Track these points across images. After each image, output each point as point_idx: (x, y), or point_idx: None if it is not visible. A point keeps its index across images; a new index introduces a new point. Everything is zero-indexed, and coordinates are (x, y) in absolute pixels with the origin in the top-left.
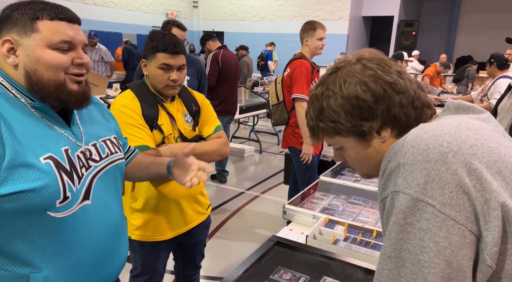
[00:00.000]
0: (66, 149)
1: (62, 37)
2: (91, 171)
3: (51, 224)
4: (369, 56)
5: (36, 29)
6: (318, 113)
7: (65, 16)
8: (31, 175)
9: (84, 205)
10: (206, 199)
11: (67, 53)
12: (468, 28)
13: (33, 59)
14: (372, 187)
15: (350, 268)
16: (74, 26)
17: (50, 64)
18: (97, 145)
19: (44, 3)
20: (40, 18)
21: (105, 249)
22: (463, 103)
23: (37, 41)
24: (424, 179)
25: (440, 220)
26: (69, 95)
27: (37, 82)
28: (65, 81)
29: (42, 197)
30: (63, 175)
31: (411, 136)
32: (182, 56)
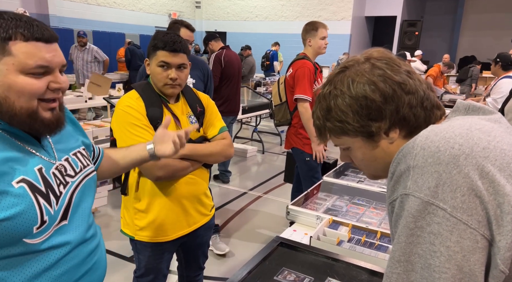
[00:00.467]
0: (40, 168)
1: (38, 62)
2: (69, 187)
3: (27, 250)
4: (378, 56)
5: (9, 52)
6: (325, 112)
7: (42, 35)
8: (5, 202)
9: (61, 226)
10: (210, 200)
11: (43, 77)
12: (471, 28)
13: (4, 85)
14: (375, 187)
15: (355, 269)
16: (51, 47)
17: (23, 92)
18: (69, 160)
19: (17, 19)
20: (13, 39)
21: (84, 264)
22: (473, 103)
23: (9, 66)
24: (435, 182)
25: (451, 224)
26: (41, 124)
27: (8, 110)
28: (38, 109)
29: (19, 224)
30: (39, 198)
31: (421, 138)
32: (182, 55)
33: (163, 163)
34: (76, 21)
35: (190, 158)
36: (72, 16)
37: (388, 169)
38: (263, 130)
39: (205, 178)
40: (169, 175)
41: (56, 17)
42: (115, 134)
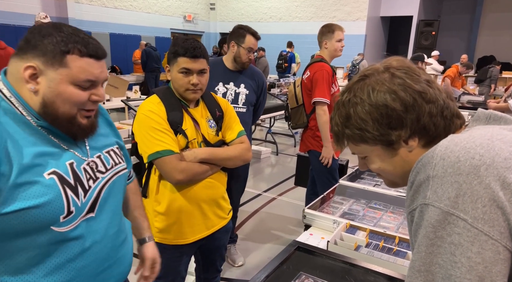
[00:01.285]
0: (71, 162)
1: (88, 77)
2: (99, 182)
3: (54, 238)
4: (397, 65)
5: (65, 64)
6: (344, 119)
7: (95, 53)
8: (35, 192)
9: (88, 218)
10: (227, 203)
11: (87, 90)
12: (490, 28)
13: (54, 92)
14: (393, 191)
15: (373, 275)
16: (100, 63)
17: (69, 100)
18: (101, 157)
19: (75, 35)
20: (71, 53)
21: (108, 258)
22: (494, 113)
23: (63, 76)
24: (455, 193)
25: (472, 235)
26: (78, 129)
27: (51, 112)
28: (76, 115)
29: (46, 212)
30: (67, 190)
31: (441, 148)
32: (202, 60)
33: (183, 167)
34: (94, 24)
35: (209, 162)
36: (90, 19)
37: (406, 177)
38: (277, 131)
39: (223, 181)
40: (189, 179)
41: (75, 20)
42: (137, 138)
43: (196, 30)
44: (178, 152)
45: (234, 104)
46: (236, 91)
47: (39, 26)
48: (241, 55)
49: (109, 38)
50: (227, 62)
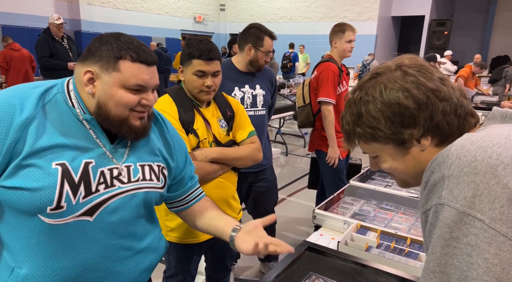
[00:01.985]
0: (89, 162)
1: (138, 81)
2: (112, 190)
3: (40, 227)
4: (410, 63)
5: (118, 68)
6: (355, 118)
7: (146, 59)
8: (34, 175)
9: (82, 220)
10: (237, 203)
11: (138, 94)
12: (505, 27)
13: (107, 94)
14: (404, 192)
15: (384, 276)
16: (150, 69)
17: (120, 103)
18: (130, 168)
19: (129, 43)
20: (123, 58)
21: (98, 269)
22: (510, 111)
23: (115, 80)
24: (471, 192)
25: (489, 236)
26: (129, 130)
27: (104, 114)
28: (128, 117)
29: (36, 198)
30: (65, 184)
31: (457, 147)
32: (216, 62)
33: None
34: (105, 26)
35: (220, 162)
36: (102, 21)
37: (418, 177)
38: (287, 132)
39: (234, 181)
40: (200, 178)
41: (87, 22)
42: None
43: (206, 31)
44: (189, 151)
45: (253, 107)
46: (253, 93)
47: (101, 35)
48: (259, 59)
49: None
50: (238, 64)
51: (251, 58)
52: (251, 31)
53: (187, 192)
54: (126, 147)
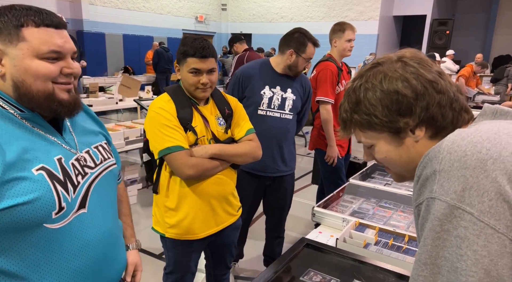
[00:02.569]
0: (59, 158)
1: (51, 47)
2: (88, 178)
3: (47, 236)
4: (410, 55)
5: (23, 38)
6: (354, 105)
7: (52, 22)
8: (24, 188)
9: (80, 214)
10: (237, 200)
11: (56, 62)
12: (507, 26)
13: (21, 69)
14: (403, 191)
15: (382, 272)
16: (62, 33)
17: (38, 74)
18: (90, 152)
19: (26, 9)
20: (25, 25)
21: (104, 255)
22: (501, 107)
23: (24, 51)
24: (461, 186)
25: (478, 228)
26: (59, 105)
27: (25, 93)
28: (54, 90)
29: (38, 209)
30: (56, 185)
31: (448, 142)
32: (211, 60)
33: (193, 162)
34: (107, 25)
35: (219, 158)
36: (104, 21)
37: (412, 170)
38: None
39: (233, 178)
40: (199, 174)
41: (89, 22)
42: (148, 135)
43: (208, 30)
44: (188, 148)
45: (281, 110)
46: (283, 96)
47: None
48: (299, 65)
49: (122, 39)
50: (276, 65)
51: (291, 63)
52: (295, 35)
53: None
54: (72, 135)
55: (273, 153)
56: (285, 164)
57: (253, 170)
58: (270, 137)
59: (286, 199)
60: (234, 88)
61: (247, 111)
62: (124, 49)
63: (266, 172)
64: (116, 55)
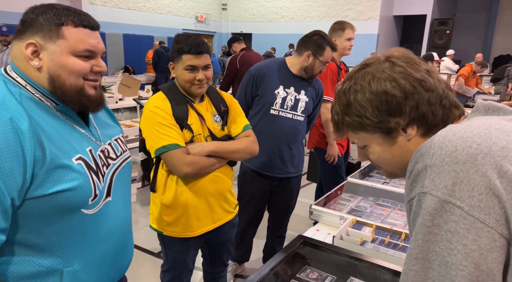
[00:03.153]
0: (90, 149)
1: (86, 46)
2: (111, 168)
3: (82, 221)
4: (398, 55)
5: (62, 36)
6: (344, 107)
7: (88, 23)
8: (67, 176)
9: (107, 202)
10: (234, 198)
11: (88, 60)
12: (507, 26)
13: (58, 64)
14: (401, 189)
15: (378, 269)
16: (95, 34)
17: (73, 71)
18: (111, 144)
19: (66, 9)
20: (65, 24)
21: (122, 242)
22: (493, 104)
23: (62, 48)
24: (452, 181)
25: (468, 223)
26: (88, 100)
27: (60, 86)
28: (84, 86)
29: (78, 195)
30: (92, 175)
31: (439, 138)
32: (206, 56)
33: (190, 160)
34: (108, 25)
35: (216, 155)
36: (104, 20)
37: (404, 168)
38: None
39: (230, 175)
40: (196, 171)
41: None
42: (144, 134)
43: (208, 30)
44: (184, 146)
45: (293, 111)
46: (296, 97)
47: (33, 7)
48: (316, 68)
49: (123, 39)
50: (292, 65)
51: (307, 65)
52: (314, 38)
53: None
54: (95, 128)
55: (282, 153)
56: (293, 165)
57: (261, 169)
58: (281, 137)
59: (291, 200)
60: (248, 85)
61: (259, 109)
62: (124, 48)
63: (274, 172)
64: (117, 55)
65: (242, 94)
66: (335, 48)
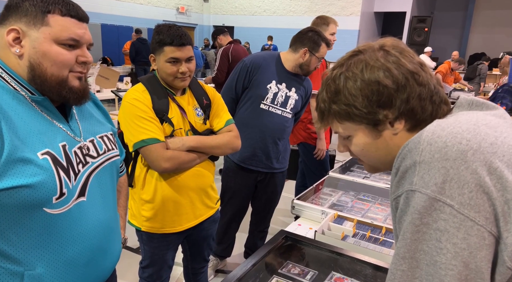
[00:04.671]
0: (64, 144)
1: (70, 35)
2: (88, 167)
3: (46, 221)
4: (392, 44)
5: (47, 23)
6: (333, 94)
7: (76, 13)
8: (28, 171)
9: (80, 202)
10: (215, 193)
11: (72, 50)
12: (483, 25)
13: (39, 52)
14: (381, 184)
15: (359, 264)
16: (83, 25)
17: (55, 60)
18: (94, 141)
19: None
20: (52, 12)
21: (100, 246)
22: (476, 99)
23: (46, 35)
24: (442, 178)
25: (458, 221)
26: (70, 91)
27: (40, 75)
28: (68, 78)
29: (39, 192)
30: (60, 171)
31: (428, 133)
32: (189, 47)
33: (169, 155)
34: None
35: (197, 150)
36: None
37: (388, 162)
38: None
39: (212, 170)
40: (175, 167)
41: None
42: (122, 127)
43: (189, 22)
44: (163, 140)
45: (283, 107)
46: (287, 94)
47: None
48: (312, 64)
49: (101, 29)
50: (285, 61)
51: (304, 62)
52: (309, 34)
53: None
54: (77, 123)
55: (268, 149)
56: (278, 161)
57: (245, 163)
58: (268, 133)
59: (275, 195)
60: (240, 76)
61: (248, 103)
62: (102, 39)
63: (258, 166)
64: (95, 46)
65: (233, 84)
66: (329, 44)
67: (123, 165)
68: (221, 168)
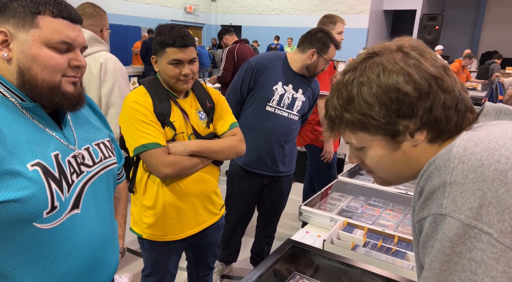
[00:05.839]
0: (56, 154)
1: (62, 38)
2: (83, 177)
3: (37, 236)
4: (411, 45)
5: (36, 25)
6: (345, 102)
7: (69, 15)
8: (16, 184)
9: (73, 215)
10: (220, 198)
11: (64, 54)
12: (495, 23)
13: (29, 56)
14: (392, 188)
15: (370, 276)
16: (75, 27)
17: (46, 64)
18: (90, 149)
19: None
20: (42, 13)
21: (95, 259)
22: (504, 106)
23: (35, 38)
24: (478, 202)
25: (498, 251)
26: (63, 98)
27: (29, 80)
28: (61, 83)
29: (29, 207)
30: (51, 183)
31: (458, 149)
32: (191, 49)
33: (170, 160)
34: None
35: (200, 155)
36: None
37: (404, 177)
38: None
39: (216, 175)
40: (177, 173)
41: None
42: (123, 131)
43: (197, 22)
44: (165, 145)
45: (289, 109)
46: (294, 96)
47: None
48: (319, 66)
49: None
50: (292, 62)
51: (311, 63)
52: (318, 35)
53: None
54: (72, 130)
55: (273, 152)
56: (284, 164)
57: (250, 167)
58: (274, 136)
59: (281, 199)
60: (245, 76)
61: (254, 105)
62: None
63: (263, 170)
64: None
65: (238, 86)
66: (338, 46)
67: (122, 170)
68: (227, 169)
